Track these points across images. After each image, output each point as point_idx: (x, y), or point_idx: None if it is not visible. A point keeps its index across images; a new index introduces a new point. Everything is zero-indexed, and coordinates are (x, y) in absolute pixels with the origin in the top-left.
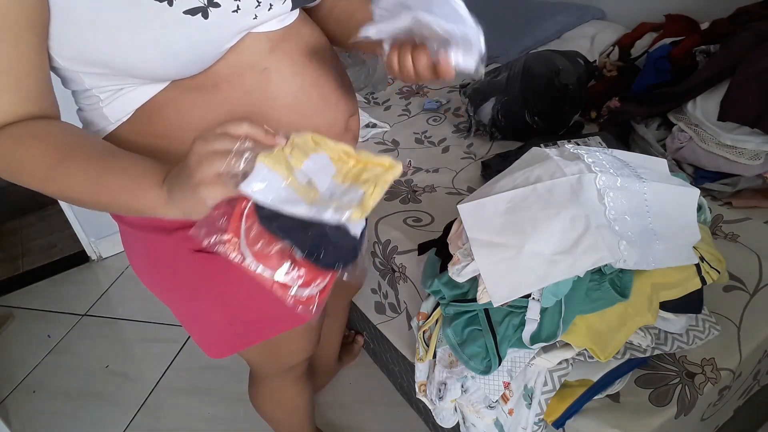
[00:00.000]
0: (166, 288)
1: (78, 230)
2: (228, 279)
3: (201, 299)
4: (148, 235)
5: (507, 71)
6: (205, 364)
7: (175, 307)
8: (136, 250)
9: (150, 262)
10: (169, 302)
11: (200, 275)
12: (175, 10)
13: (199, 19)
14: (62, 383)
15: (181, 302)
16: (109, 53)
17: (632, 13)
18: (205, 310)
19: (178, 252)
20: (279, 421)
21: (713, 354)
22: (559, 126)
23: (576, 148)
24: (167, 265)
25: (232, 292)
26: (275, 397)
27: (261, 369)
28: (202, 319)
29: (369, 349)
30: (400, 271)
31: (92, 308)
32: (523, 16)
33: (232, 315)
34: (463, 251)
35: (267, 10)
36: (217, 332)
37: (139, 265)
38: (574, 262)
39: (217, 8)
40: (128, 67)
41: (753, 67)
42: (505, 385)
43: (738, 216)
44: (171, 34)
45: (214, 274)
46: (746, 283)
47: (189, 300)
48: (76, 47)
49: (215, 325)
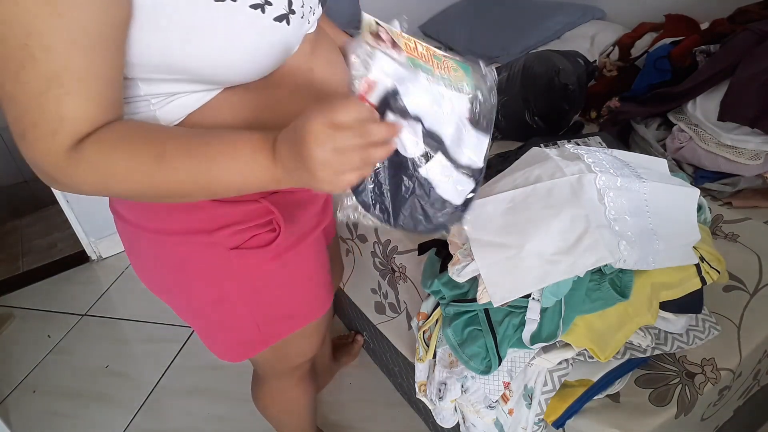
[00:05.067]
0: (185, 290)
1: (78, 230)
2: (260, 277)
3: (229, 301)
4: (170, 238)
5: (507, 71)
6: (205, 364)
7: (193, 311)
8: (150, 254)
9: (167, 266)
10: (185, 306)
11: (231, 275)
12: (267, 18)
13: (284, 26)
14: (62, 383)
15: (204, 304)
16: (197, 59)
17: (632, 13)
18: (232, 311)
19: (208, 253)
20: (283, 422)
21: (713, 354)
22: (559, 126)
23: (576, 148)
24: (192, 268)
25: (262, 290)
26: (280, 397)
27: (267, 369)
28: (229, 320)
29: (369, 349)
30: (400, 271)
31: (92, 308)
32: (523, 16)
33: (263, 314)
34: (463, 251)
35: (313, 15)
36: (242, 333)
37: (152, 270)
38: (574, 262)
39: (294, 15)
40: (213, 73)
41: (753, 67)
42: (505, 385)
43: (738, 216)
44: (262, 40)
45: (246, 274)
46: (746, 283)
47: (215, 302)
48: (154, 54)
49: (242, 326)
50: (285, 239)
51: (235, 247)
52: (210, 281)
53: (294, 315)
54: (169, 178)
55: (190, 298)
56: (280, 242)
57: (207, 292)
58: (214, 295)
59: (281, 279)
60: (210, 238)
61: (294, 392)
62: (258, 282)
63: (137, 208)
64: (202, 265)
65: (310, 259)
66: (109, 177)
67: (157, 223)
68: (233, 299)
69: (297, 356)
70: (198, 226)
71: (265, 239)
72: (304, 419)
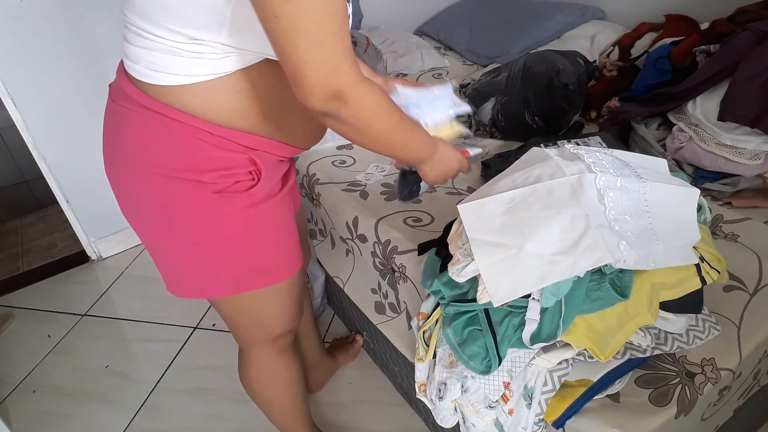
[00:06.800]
0: (169, 229)
1: (78, 230)
2: (238, 223)
3: (208, 243)
4: (163, 178)
5: (507, 71)
6: (205, 364)
7: (168, 249)
8: (151, 194)
9: (156, 205)
10: (160, 242)
11: (213, 217)
12: None
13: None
14: (62, 383)
15: (184, 244)
16: None
17: (632, 13)
18: (207, 253)
19: (196, 194)
20: (270, 401)
21: (713, 354)
22: (559, 126)
23: (576, 148)
24: (179, 208)
25: (239, 236)
26: (263, 369)
27: (246, 338)
28: (201, 261)
29: (369, 349)
30: (400, 271)
31: (92, 308)
32: (523, 16)
33: (235, 260)
34: (463, 251)
35: None
36: (211, 275)
37: (147, 207)
38: (574, 262)
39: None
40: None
41: (753, 67)
42: (505, 385)
43: (738, 216)
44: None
45: (227, 217)
46: (746, 283)
47: (195, 243)
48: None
49: (212, 268)
50: (261, 189)
51: (218, 191)
52: (194, 223)
53: (262, 269)
54: (404, 131)
55: (172, 237)
56: (257, 190)
57: (189, 232)
58: (195, 236)
59: (255, 229)
60: (200, 176)
61: (275, 364)
62: (236, 227)
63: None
64: (190, 206)
65: (281, 215)
66: (380, 112)
67: (154, 161)
68: (212, 242)
69: (273, 322)
70: (191, 165)
71: (245, 185)
72: (290, 401)
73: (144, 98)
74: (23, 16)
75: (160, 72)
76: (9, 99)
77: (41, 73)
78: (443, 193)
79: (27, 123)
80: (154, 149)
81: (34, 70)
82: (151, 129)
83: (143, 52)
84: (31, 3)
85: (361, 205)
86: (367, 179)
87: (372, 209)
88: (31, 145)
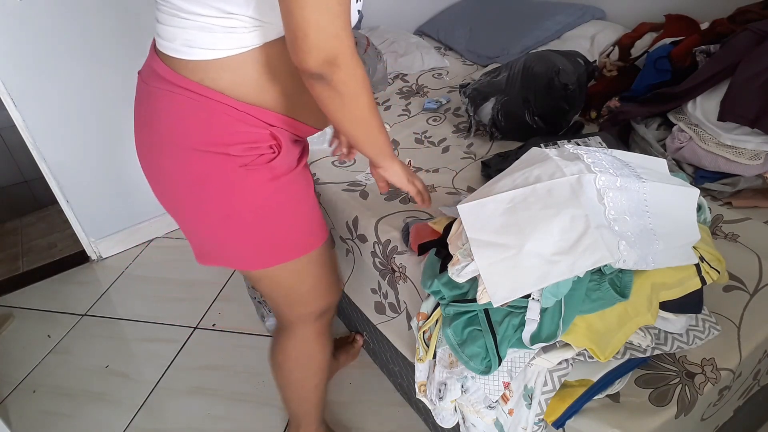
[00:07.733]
0: (206, 200)
1: (78, 230)
2: (264, 196)
3: (238, 216)
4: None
5: (507, 71)
6: (205, 364)
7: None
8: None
9: (196, 179)
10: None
11: (242, 191)
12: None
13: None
14: (62, 383)
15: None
16: None
17: (632, 13)
18: (238, 226)
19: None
20: (296, 383)
21: (713, 354)
22: (559, 126)
23: (576, 148)
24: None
25: (265, 208)
26: (300, 347)
27: (287, 313)
28: (233, 233)
29: (369, 349)
30: (400, 271)
31: (92, 308)
32: (523, 16)
33: (264, 233)
34: (463, 251)
35: None
36: (246, 242)
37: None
38: (573, 262)
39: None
40: None
41: (753, 67)
42: (505, 385)
43: (738, 216)
44: (353, 8)
45: (253, 190)
46: (746, 283)
47: (226, 216)
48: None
49: (246, 237)
50: (281, 161)
51: (244, 165)
52: (224, 195)
53: (288, 241)
54: (378, 116)
55: (204, 211)
56: (278, 163)
57: (220, 204)
58: (226, 208)
59: (279, 201)
60: (227, 149)
61: (313, 345)
62: (261, 199)
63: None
64: (219, 178)
65: (301, 187)
66: (366, 86)
67: (187, 137)
68: (242, 214)
69: (310, 296)
70: (219, 139)
71: (267, 158)
72: (314, 386)
73: (176, 77)
74: (23, 16)
75: (195, 47)
76: (9, 99)
77: (41, 73)
78: (443, 193)
79: (27, 123)
80: (186, 125)
81: (34, 70)
82: (183, 107)
83: (179, 31)
84: (31, 3)
85: (361, 205)
86: (367, 179)
87: (372, 209)
88: (31, 145)
